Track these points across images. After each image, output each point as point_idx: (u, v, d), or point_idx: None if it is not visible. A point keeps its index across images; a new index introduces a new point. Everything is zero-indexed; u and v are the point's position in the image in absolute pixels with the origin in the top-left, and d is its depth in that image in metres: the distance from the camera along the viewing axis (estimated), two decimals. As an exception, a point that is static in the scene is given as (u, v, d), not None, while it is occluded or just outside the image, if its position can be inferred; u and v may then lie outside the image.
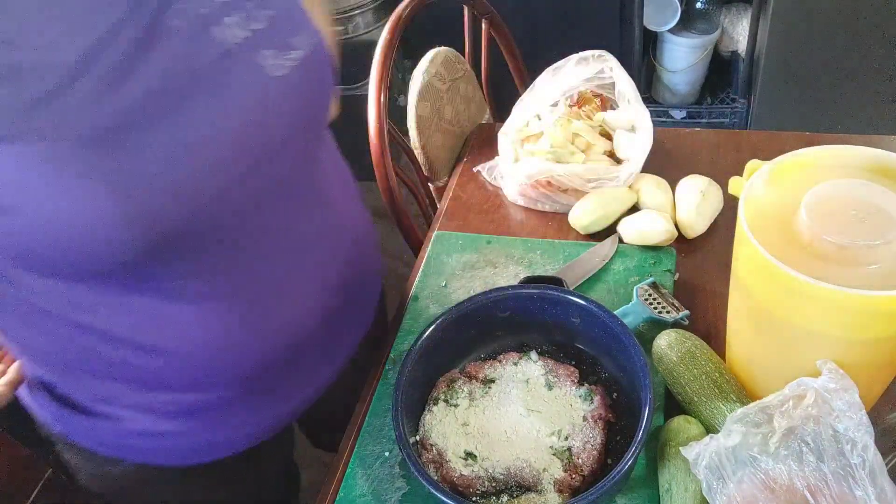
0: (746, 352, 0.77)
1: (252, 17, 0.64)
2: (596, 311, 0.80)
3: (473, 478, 0.73)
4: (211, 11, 0.61)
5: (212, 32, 0.61)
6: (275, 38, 0.65)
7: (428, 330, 0.82)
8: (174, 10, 0.59)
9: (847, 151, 0.70)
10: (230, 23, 0.62)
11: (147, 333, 0.68)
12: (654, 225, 0.99)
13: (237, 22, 0.63)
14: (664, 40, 2.33)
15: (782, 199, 0.67)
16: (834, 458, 0.59)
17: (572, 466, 0.73)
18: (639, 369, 0.73)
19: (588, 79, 1.13)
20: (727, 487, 0.62)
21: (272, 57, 0.64)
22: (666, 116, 2.44)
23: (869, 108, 2.04)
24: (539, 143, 1.13)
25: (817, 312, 0.62)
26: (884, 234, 0.60)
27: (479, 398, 0.79)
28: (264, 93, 0.64)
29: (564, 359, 0.84)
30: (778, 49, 1.98)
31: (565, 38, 2.08)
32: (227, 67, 0.62)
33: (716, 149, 1.18)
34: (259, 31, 0.64)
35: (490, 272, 1.01)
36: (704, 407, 0.74)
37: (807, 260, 0.62)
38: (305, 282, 0.77)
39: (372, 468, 0.80)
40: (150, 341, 0.69)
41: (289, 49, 0.66)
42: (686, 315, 0.88)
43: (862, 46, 1.92)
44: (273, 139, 0.67)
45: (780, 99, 2.11)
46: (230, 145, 0.62)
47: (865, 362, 0.66)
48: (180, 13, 0.59)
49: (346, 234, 0.84)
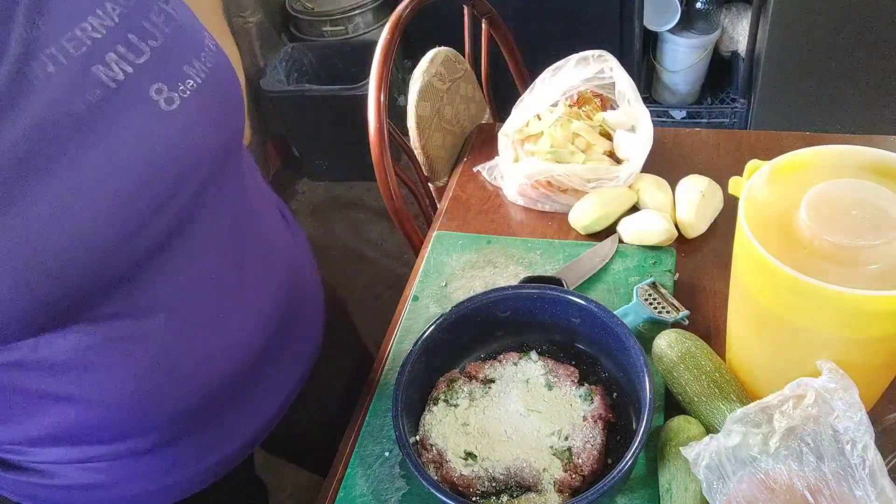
0: (746, 352, 0.77)
1: (135, 50, 0.59)
2: (596, 311, 0.80)
3: (473, 478, 0.73)
4: (89, 50, 0.56)
5: (93, 72, 0.56)
6: (164, 69, 0.61)
7: (428, 330, 0.82)
8: (45, 55, 0.54)
9: (847, 151, 0.70)
10: (112, 59, 0.58)
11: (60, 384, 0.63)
12: (654, 225, 0.99)
13: (120, 57, 0.58)
14: (664, 40, 2.33)
15: (782, 199, 0.67)
16: (834, 458, 0.59)
17: (572, 466, 0.73)
18: (639, 369, 0.73)
19: (588, 79, 1.13)
20: (727, 487, 0.62)
21: (164, 90, 0.60)
22: (666, 116, 2.44)
23: (869, 108, 2.04)
24: (539, 143, 1.13)
25: (817, 312, 0.62)
26: (884, 234, 0.60)
27: (479, 398, 0.79)
28: (158, 129, 0.60)
29: (564, 359, 0.84)
30: (778, 49, 1.98)
31: (565, 38, 2.07)
32: (115, 107, 0.57)
33: (716, 149, 1.18)
34: (144, 65, 0.59)
35: (490, 272, 1.01)
36: (704, 407, 0.74)
37: (807, 260, 0.62)
38: (233, 317, 0.72)
39: (372, 468, 0.80)
40: (64, 392, 0.64)
41: (181, 79, 0.62)
42: (686, 315, 0.88)
43: (862, 46, 1.92)
44: (175, 176, 0.62)
45: (780, 99, 2.11)
46: (126, 189, 0.57)
47: (865, 362, 0.66)
48: (52, 58, 0.54)
49: (278, 261, 0.79)
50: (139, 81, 0.59)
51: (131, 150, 0.58)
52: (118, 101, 0.57)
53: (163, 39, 0.61)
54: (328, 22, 2.52)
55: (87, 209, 0.55)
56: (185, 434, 0.74)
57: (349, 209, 2.59)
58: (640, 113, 1.10)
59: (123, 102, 0.58)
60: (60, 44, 0.55)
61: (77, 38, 0.56)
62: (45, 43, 0.54)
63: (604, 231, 1.05)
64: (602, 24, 2.19)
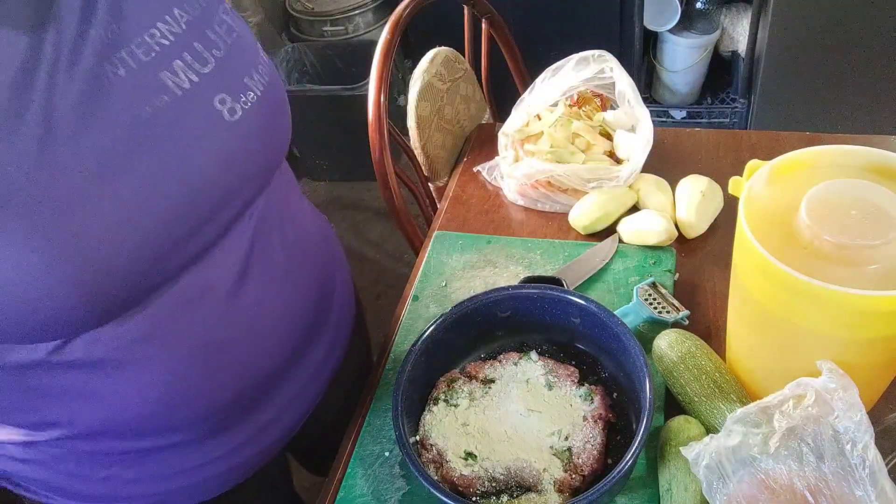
0: (746, 352, 0.77)
1: (200, 59, 0.60)
2: (596, 311, 0.80)
3: (473, 478, 0.73)
4: (158, 56, 0.58)
5: (161, 78, 0.58)
6: (227, 80, 0.62)
7: (428, 330, 0.82)
8: (117, 58, 0.55)
9: (847, 151, 0.70)
10: (179, 67, 0.59)
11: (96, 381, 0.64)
12: (653, 225, 0.99)
13: (186, 65, 0.59)
14: (664, 40, 2.33)
15: (782, 199, 0.67)
16: (834, 458, 0.59)
17: (572, 466, 0.73)
18: (639, 369, 0.73)
19: (588, 79, 1.13)
20: (727, 487, 0.62)
21: (227, 101, 0.62)
22: (666, 116, 2.44)
23: (869, 108, 2.04)
24: (539, 143, 1.13)
25: (817, 312, 0.62)
26: (884, 234, 0.60)
27: (479, 398, 0.79)
28: (220, 138, 0.61)
29: (564, 359, 0.84)
30: (778, 49, 1.98)
31: (565, 38, 2.08)
32: (181, 114, 0.58)
33: (716, 149, 1.18)
34: (209, 75, 0.61)
35: (490, 272, 1.01)
36: (704, 407, 0.74)
37: (807, 260, 0.62)
38: (269, 316, 0.73)
39: (372, 468, 0.80)
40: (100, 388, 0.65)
41: (242, 91, 0.63)
42: (686, 315, 0.88)
43: (862, 46, 1.92)
44: (231, 184, 0.64)
45: (780, 99, 2.11)
46: (187, 195, 0.59)
47: (865, 362, 0.66)
48: (123, 62, 0.56)
49: (313, 258, 0.81)
50: (204, 90, 0.60)
51: (192, 156, 0.59)
52: (183, 108, 0.58)
53: (225, 50, 0.63)
54: (328, 22, 2.52)
55: (149, 212, 0.56)
56: (219, 430, 0.75)
57: (349, 209, 2.59)
58: (640, 113, 1.10)
59: (188, 110, 0.59)
60: (131, 48, 0.56)
61: (147, 43, 0.57)
62: (118, 45, 0.55)
63: (604, 231, 1.05)
64: (602, 24, 2.19)
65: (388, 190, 1.17)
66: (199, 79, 0.60)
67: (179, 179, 0.58)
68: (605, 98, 1.20)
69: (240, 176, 0.65)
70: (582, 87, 1.14)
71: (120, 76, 0.55)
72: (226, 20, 0.64)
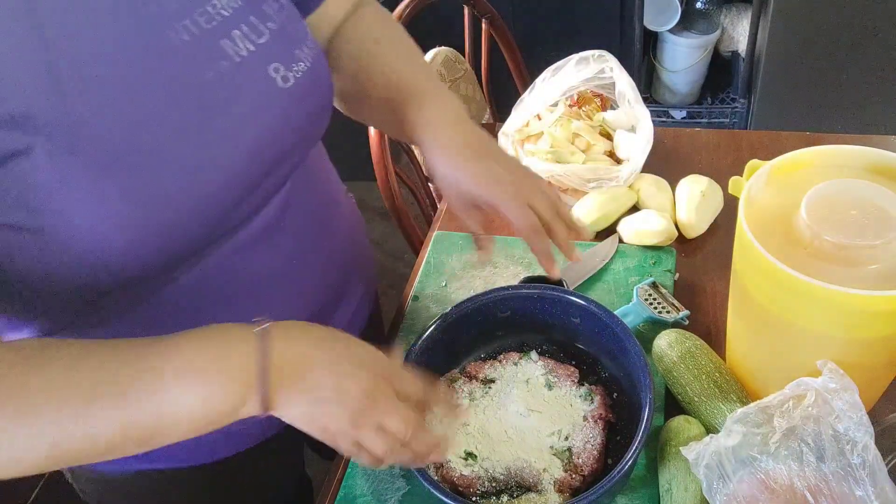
0: (746, 352, 0.77)
1: (256, 31, 0.65)
2: (596, 311, 0.80)
3: (473, 478, 0.73)
4: (218, 25, 0.62)
5: (221, 46, 0.62)
6: (280, 50, 0.66)
7: (428, 330, 0.82)
8: (181, 25, 0.59)
9: (847, 151, 0.70)
10: (238, 36, 0.63)
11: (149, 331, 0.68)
12: (653, 225, 0.99)
13: (244, 35, 0.63)
14: (664, 40, 2.33)
15: (782, 199, 0.67)
16: (834, 458, 0.59)
17: (572, 466, 0.73)
18: (639, 369, 0.73)
19: (588, 79, 1.13)
20: (727, 487, 0.62)
21: (280, 69, 0.65)
22: (666, 116, 2.44)
23: (869, 108, 2.04)
24: (539, 143, 1.13)
25: (817, 312, 0.62)
26: (884, 234, 0.60)
27: (479, 398, 0.79)
28: (274, 103, 0.65)
29: (564, 359, 0.84)
30: (778, 49, 1.98)
31: (565, 38, 2.08)
32: (239, 80, 0.62)
33: (716, 149, 1.18)
34: (264, 45, 0.65)
35: (490, 272, 1.01)
36: (704, 407, 0.74)
37: (807, 260, 0.62)
38: (300, 278, 0.77)
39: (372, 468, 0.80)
40: None
41: (294, 61, 0.67)
42: (686, 315, 0.88)
43: (862, 46, 1.92)
44: (282, 149, 0.68)
45: (780, 99, 2.11)
46: (243, 158, 0.63)
47: (865, 362, 0.66)
48: (186, 29, 0.60)
49: (341, 226, 0.84)
50: (260, 59, 0.64)
51: (251, 120, 0.63)
52: (241, 74, 0.62)
53: (279, 23, 0.67)
54: (328, 22, 2.52)
55: (210, 173, 0.60)
56: None
57: (349, 209, 2.59)
58: (640, 113, 1.10)
59: (245, 76, 0.63)
60: (194, 17, 0.61)
61: (208, 13, 0.62)
62: (182, 14, 0.60)
63: (604, 231, 1.05)
64: (602, 24, 2.19)
65: (388, 190, 1.17)
66: (256, 48, 0.64)
67: (240, 141, 0.63)
68: (605, 98, 1.20)
69: (292, 139, 0.69)
70: (582, 87, 1.14)
71: (185, 41, 0.59)
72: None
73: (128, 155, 0.55)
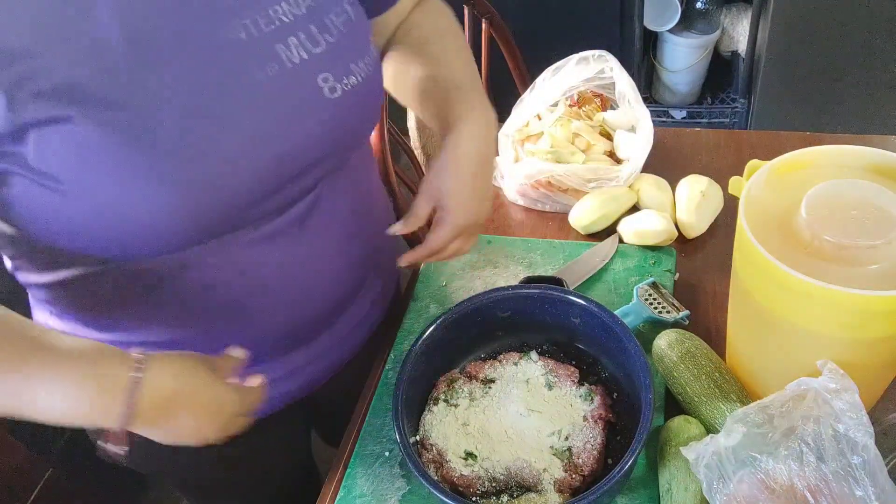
0: (746, 352, 0.77)
1: (313, 40, 0.67)
2: (596, 311, 0.80)
3: (473, 478, 0.73)
4: (276, 30, 0.65)
5: (276, 50, 0.65)
6: (334, 63, 0.69)
7: (428, 330, 0.82)
8: (240, 24, 0.63)
9: (847, 151, 0.70)
10: (294, 43, 0.66)
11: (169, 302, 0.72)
12: (653, 225, 0.99)
13: (300, 43, 0.66)
14: (664, 40, 2.33)
15: (782, 199, 0.67)
16: (834, 458, 0.59)
17: (572, 466, 0.73)
18: (639, 369, 0.73)
19: (588, 79, 1.13)
20: (727, 487, 0.62)
21: (329, 80, 0.68)
22: (666, 116, 2.44)
23: (869, 108, 2.04)
24: (539, 143, 1.13)
25: (817, 312, 0.62)
26: (884, 234, 0.60)
27: (479, 398, 0.79)
28: (318, 113, 0.68)
29: (564, 359, 0.84)
30: (778, 49, 1.98)
31: (565, 38, 2.07)
32: (286, 85, 0.65)
33: (716, 149, 1.18)
34: (318, 55, 0.67)
35: (490, 272, 1.01)
36: (704, 407, 0.74)
37: (807, 260, 0.62)
38: (317, 276, 0.79)
39: (372, 468, 0.80)
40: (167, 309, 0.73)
41: (346, 75, 0.70)
42: (686, 315, 0.88)
43: (862, 46, 1.92)
44: (316, 156, 0.71)
45: (780, 99, 2.11)
46: (281, 155, 0.66)
47: (865, 362, 0.66)
48: (245, 28, 0.63)
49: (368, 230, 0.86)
50: (311, 68, 0.67)
51: (291, 122, 0.66)
52: (290, 79, 0.65)
53: (338, 36, 0.70)
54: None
55: (249, 164, 0.64)
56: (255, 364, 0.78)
57: (349, 209, 2.58)
58: (640, 113, 1.10)
59: (293, 82, 0.66)
60: (254, 18, 0.64)
61: (269, 16, 0.65)
62: (243, 14, 0.63)
63: (604, 231, 1.05)
64: (602, 24, 2.19)
65: (388, 190, 1.17)
66: (309, 57, 0.67)
67: (278, 140, 0.66)
68: (605, 98, 1.20)
69: (329, 147, 0.72)
70: (582, 87, 1.14)
71: (241, 38, 0.63)
72: (347, 10, 0.72)
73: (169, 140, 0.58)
